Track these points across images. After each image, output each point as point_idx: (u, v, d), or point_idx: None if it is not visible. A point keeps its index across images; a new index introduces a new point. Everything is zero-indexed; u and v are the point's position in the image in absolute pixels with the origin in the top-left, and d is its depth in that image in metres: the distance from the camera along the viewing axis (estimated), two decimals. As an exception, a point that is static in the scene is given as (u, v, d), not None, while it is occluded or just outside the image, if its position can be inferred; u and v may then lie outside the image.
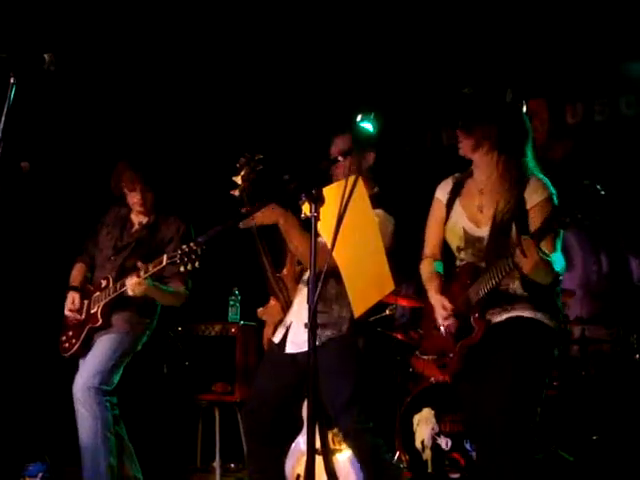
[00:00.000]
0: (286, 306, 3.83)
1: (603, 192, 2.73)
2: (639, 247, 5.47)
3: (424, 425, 4.91)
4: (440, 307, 3.15)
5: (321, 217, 2.79)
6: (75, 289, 4.42)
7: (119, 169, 4.37)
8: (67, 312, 4.36)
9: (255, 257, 3.83)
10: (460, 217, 3.21)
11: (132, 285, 4.05)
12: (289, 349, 3.74)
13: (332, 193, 2.89)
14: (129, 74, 5.71)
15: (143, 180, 4.33)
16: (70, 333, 4.35)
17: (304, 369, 3.14)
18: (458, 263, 3.23)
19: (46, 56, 3.01)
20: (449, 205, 3.26)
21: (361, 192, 2.97)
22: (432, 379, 4.64)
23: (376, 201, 3.29)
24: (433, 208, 3.36)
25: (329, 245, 2.84)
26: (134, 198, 4.37)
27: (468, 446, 4.74)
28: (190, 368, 5.66)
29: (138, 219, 4.47)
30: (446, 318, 3.14)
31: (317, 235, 2.78)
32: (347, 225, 2.83)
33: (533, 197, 3.05)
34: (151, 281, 4.09)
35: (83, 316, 4.31)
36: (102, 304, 4.23)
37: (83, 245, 4.58)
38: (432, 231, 3.35)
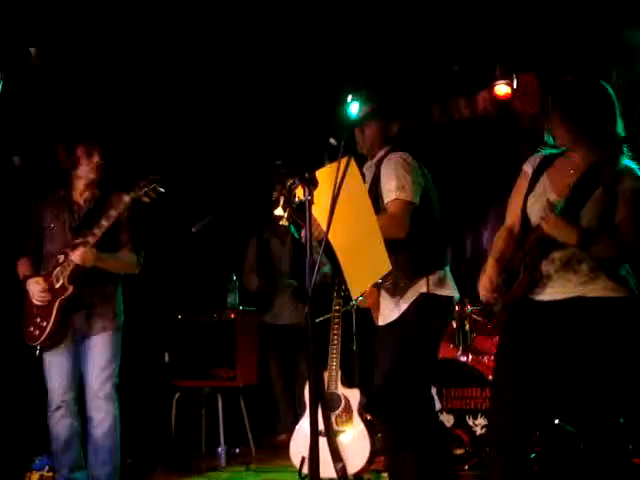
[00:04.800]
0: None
1: None
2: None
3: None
4: (487, 278, 3.19)
5: (315, 200, 2.79)
6: (32, 276, 4.30)
7: (73, 140, 4.34)
8: (37, 295, 4.21)
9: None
10: (546, 189, 3.18)
11: (80, 256, 4.08)
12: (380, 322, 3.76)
13: (325, 175, 2.88)
14: (115, 65, 5.67)
15: (99, 144, 4.33)
16: (37, 320, 4.23)
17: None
18: None
19: (32, 50, 2.99)
20: (534, 178, 3.24)
21: (354, 173, 2.96)
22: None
23: None
24: (519, 180, 3.34)
25: (324, 227, 2.84)
26: (90, 164, 4.30)
27: (471, 422, 4.77)
28: (191, 355, 5.68)
29: (83, 197, 4.37)
30: (487, 291, 3.18)
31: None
32: (342, 206, 2.82)
33: (623, 182, 3.03)
34: (95, 250, 4.11)
35: (49, 295, 4.20)
36: (66, 275, 4.15)
37: (21, 240, 4.44)
38: (514, 202, 3.32)
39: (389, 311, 3.62)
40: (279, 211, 3.43)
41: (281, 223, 3.41)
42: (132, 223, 4.31)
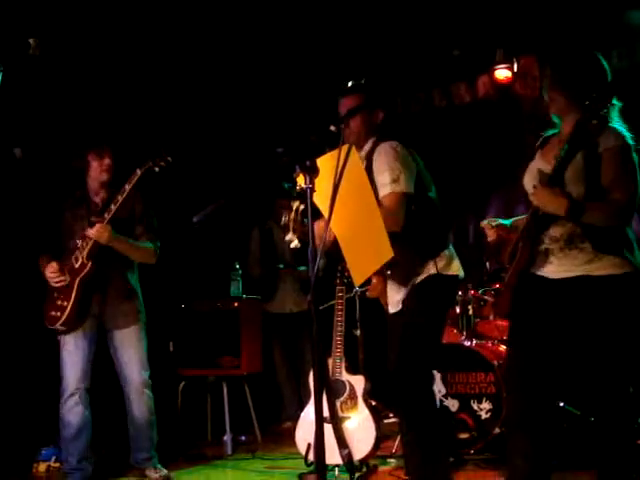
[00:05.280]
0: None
1: None
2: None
3: (431, 388, 4.94)
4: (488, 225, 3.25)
5: (316, 188, 2.79)
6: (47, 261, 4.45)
7: (84, 143, 4.53)
8: (53, 278, 4.38)
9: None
10: (537, 162, 3.21)
11: (96, 230, 4.26)
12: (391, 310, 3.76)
13: (326, 163, 2.88)
14: (115, 54, 5.65)
15: (110, 146, 4.50)
16: (58, 302, 4.39)
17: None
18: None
19: (31, 41, 2.99)
20: (532, 158, 3.28)
21: (355, 160, 2.96)
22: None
23: None
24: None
25: (325, 215, 2.84)
26: (101, 166, 4.47)
27: (476, 407, 4.77)
28: (196, 344, 5.69)
29: (99, 197, 4.54)
30: (492, 232, 3.22)
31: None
32: (343, 194, 2.82)
33: (605, 142, 3.00)
34: (114, 232, 4.30)
35: (69, 277, 4.37)
36: (85, 253, 4.34)
37: (41, 240, 4.60)
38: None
39: (399, 298, 3.63)
40: (290, 236, 3.43)
41: (292, 246, 3.41)
42: (146, 216, 4.52)
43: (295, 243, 3.37)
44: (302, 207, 3.38)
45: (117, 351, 4.53)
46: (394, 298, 3.65)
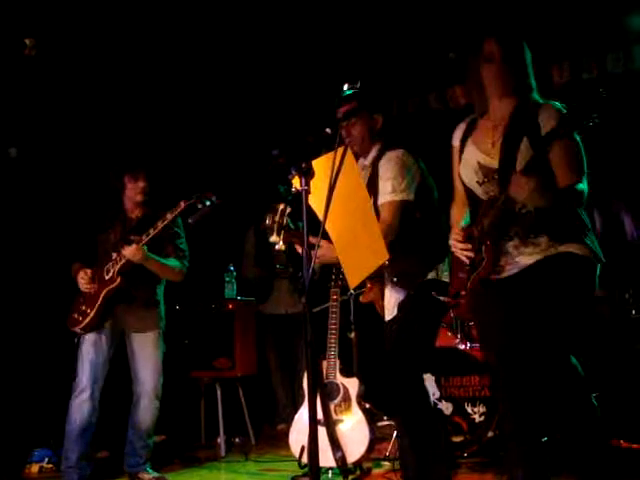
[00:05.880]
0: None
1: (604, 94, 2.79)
2: (632, 205, 5.46)
3: (425, 391, 4.94)
4: (454, 235, 3.13)
5: (312, 190, 2.79)
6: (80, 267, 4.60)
7: (117, 163, 4.69)
8: (84, 284, 4.52)
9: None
10: (473, 152, 3.14)
11: (131, 252, 4.39)
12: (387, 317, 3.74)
13: (322, 165, 2.88)
14: (108, 55, 5.65)
15: (144, 169, 4.66)
16: (83, 307, 4.53)
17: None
18: (484, 198, 3.12)
19: (27, 41, 2.99)
20: (462, 146, 3.22)
21: (350, 162, 2.95)
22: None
23: None
24: (452, 156, 3.31)
25: (321, 217, 2.84)
26: (136, 188, 4.64)
27: (469, 410, 4.78)
28: (190, 346, 5.68)
29: (135, 213, 4.72)
30: (459, 242, 3.09)
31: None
32: (338, 196, 2.82)
33: (549, 123, 2.94)
34: (147, 251, 4.43)
35: (97, 285, 4.51)
36: (117, 268, 4.47)
37: (75, 248, 4.75)
38: (456, 178, 3.29)
39: (396, 302, 3.62)
40: (274, 238, 3.44)
41: (277, 248, 3.42)
42: (177, 236, 4.70)
43: (279, 245, 3.39)
44: (286, 209, 3.40)
45: (134, 354, 4.63)
46: (391, 303, 3.65)
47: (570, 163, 2.95)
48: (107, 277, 4.50)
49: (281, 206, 3.50)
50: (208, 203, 4.32)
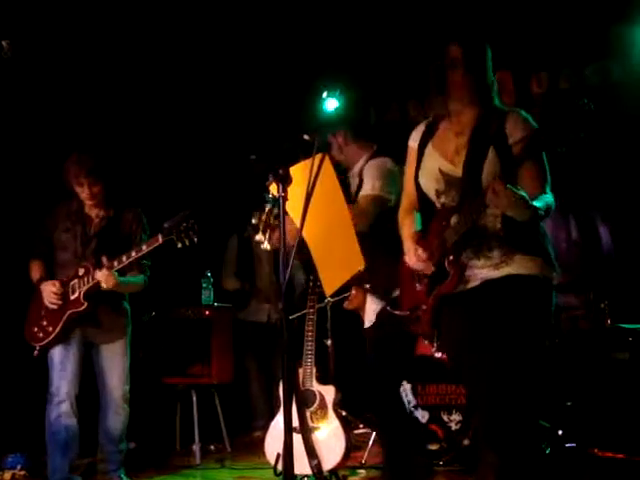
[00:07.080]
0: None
1: (592, 107, 2.72)
2: (608, 214, 5.50)
3: (401, 399, 4.94)
4: (412, 252, 3.03)
5: (289, 197, 2.78)
6: (46, 279, 4.43)
7: (66, 165, 4.43)
8: (51, 298, 4.35)
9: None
10: (435, 159, 3.07)
11: (104, 278, 4.24)
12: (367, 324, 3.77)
13: (299, 172, 2.87)
14: (86, 58, 5.62)
15: (90, 174, 4.38)
16: (44, 323, 4.37)
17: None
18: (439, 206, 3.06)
19: (3, 43, 2.96)
20: (421, 150, 3.14)
21: (328, 170, 2.96)
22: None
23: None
24: (408, 157, 3.23)
25: (298, 224, 2.83)
26: (83, 193, 4.44)
27: (445, 418, 4.78)
28: (166, 352, 5.65)
29: (95, 212, 4.52)
30: (418, 261, 3.00)
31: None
32: (315, 204, 2.82)
33: (516, 133, 2.91)
34: (117, 275, 4.29)
35: (60, 302, 4.35)
36: (84, 290, 4.32)
37: (33, 244, 4.57)
38: (409, 180, 3.21)
39: (375, 310, 3.62)
40: (260, 237, 3.43)
41: (263, 247, 3.41)
42: (143, 242, 4.47)
43: (265, 245, 3.38)
44: (273, 209, 3.40)
45: (101, 363, 4.51)
46: (370, 310, 3.65)
47: (539, 174, 2.93)
48: (72, 297, 4.34)
49: (268, 206, 3.49)
50: (187, 243, 4.19)
